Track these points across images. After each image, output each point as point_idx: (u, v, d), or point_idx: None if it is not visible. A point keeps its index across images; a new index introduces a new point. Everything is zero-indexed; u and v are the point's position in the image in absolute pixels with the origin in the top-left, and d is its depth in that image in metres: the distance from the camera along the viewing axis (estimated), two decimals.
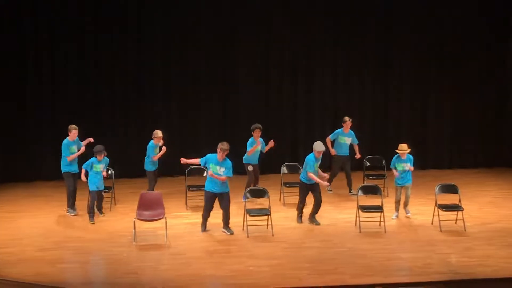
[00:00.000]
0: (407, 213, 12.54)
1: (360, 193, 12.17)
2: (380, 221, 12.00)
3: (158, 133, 13.11)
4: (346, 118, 14.02)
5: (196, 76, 15.76)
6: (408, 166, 12.27)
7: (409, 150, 12.28)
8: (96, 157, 12.19)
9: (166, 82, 15.67)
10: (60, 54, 15.13)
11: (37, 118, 15.22)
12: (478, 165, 16.66)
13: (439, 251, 10.87)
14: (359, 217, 11.85)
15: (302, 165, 13.80)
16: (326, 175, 12.51)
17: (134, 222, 11.28)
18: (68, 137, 12.66)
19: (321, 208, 12.48)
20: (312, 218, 12.19)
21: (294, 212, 12.80)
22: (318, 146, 11.97)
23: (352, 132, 14.08)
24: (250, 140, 13.45)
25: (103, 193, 12.52)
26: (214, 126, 15.92)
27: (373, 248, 10.97)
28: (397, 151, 12.29)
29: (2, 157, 14.95)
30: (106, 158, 12.42)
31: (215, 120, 15.98)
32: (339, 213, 12.76)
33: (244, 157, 13.50)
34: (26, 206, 13.35)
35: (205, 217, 11.70)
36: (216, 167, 11.49)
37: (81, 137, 12.98)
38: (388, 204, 12.56)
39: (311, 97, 16.22)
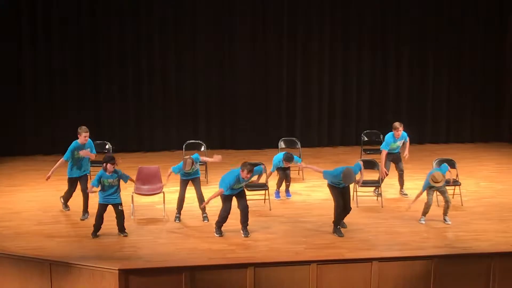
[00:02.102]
0: (446, 221, 11.08)
1: None
2: (377, 196, 12.05)
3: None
4: (397, 124, 12.20)
5: (193, 48, 15.71)
6: (449, 175, 11.01)
7: (444, 179, 10.79)
8: (104, 170, 10.29)
9: (163, 55, 15.59)
10: (56, 27, 15.01)
11: (35, 92, 15.15)
12: (475, 140, 16.71)
13: (436, 225, 10.93)
14: (356, 191, 11.87)
15: (298, 140, 13.85)
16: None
17: (132, 196, 11.30)
18: (78, 140, 11.20)
19: (318, 183, 12.55)
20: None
21: (291, 187, 12.81)
22: (347, 178, 10.26)
23: (405, 134, 12.40)
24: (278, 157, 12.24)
25: (119, 208, 10.46)
26: (211, 99, 15.90)
27: (370, 223, 11.03)
28: (431, 181, 10.71)
29: (0, 131, 14.92)
30: (118, 170, 10.46)
31: (213, 96, 15.92)
32: None
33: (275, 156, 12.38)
34: (24, 180, 13.36)
35: (222, 222, 10.49)
36: (238, 185, 10.31)
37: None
38: (385, 179, 12.57)
39: (308, 70, 16.14)
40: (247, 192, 11.47)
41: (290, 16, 15.82)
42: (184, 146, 13.55)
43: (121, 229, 10.52)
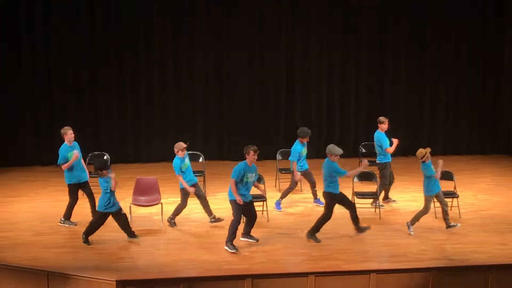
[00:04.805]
0: (456, 225, 11.16)
1: (355, 179, 12.20)
2: (375, 207, 12.05)
3: (182, 144, 11.29)
4: (382, 118, 12.44)
5: (191, 59, 15.73)
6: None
7: (429, 149, 10.94)
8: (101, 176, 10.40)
9: (161, 66, 15.62)
10: (55, 38, 15.04)
11: (34, 102, 15.17)
12: (472, 152, 16.74)
13: (434, 237, 10.93)
14: (354, 203, 11.85)
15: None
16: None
17: (130, 207, 11.30)
18: (64, 142, 11.28)
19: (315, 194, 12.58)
20: (358, 228, 10.87)
21: (289, 199, 12.81)
22: (335, 149, 10.61)
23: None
24: (295, 145, 12.27)
25: (122, 212, 10.57)
26: (209, 111, 15.93)
27: (368, 234, 11.00)
28: (424, 159, 10.86)
29: None
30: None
31: (211, 107, 15.95)
32: None
33: (291, 159, 12.31)
34: (22, 191, 13.35)
35: (235, 235, 10.33)
36: (249, 175, 10.31)
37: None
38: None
39: (306, 81, 16.19)
40: None
41: (288, 27, 15.93)
42: None
43: (131, 234, 10.61)
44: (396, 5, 16.14)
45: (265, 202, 11.74)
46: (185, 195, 11.23)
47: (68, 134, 11.27)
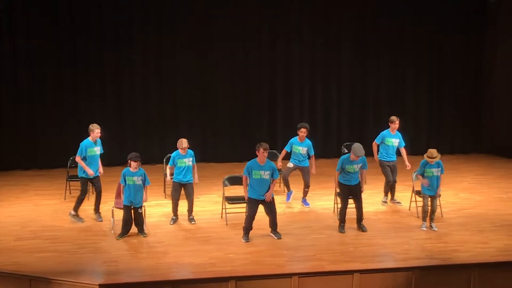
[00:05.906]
0: (432, 227, 11.30)
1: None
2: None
3: (182, 143, 11.49)
4: (394, 118, 12.47)
5: (177, 58, 15.72)
6: (438, 172, 11.15)
7: (439, 156, 11.11)
8: (129, 167, 10.72)
9: (145, 68, 15.58)
10: (36, 39, 14.94)
11: (14, 106, 15.06)
12: (454, 152, 16.84)
13: (417, 236, 10.98)
14: (337, 203, 11.89)
15: (279, 152, 13.87)
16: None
17: (112, 210, 11.24)
18: (89, 137, 11.53)
19: (299, 195, 12.57)
20: (359, 224, 11.23)
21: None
22: (357, 150, 10.82)
23: (399, 134, 12.65)
24: (292, 139, 12.55)
25: (139, 211, 10.81)
26: (193, 113, 15.92)
27: (352, 235, 11.05)
28: (425, 156, 11.13)
29: None
30: (142, 169, 10.86)
31: (194, 110, 15.94)
32: (318, 200, 12.82)
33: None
34: (3, 196, 13.22)
35: (248, 228, 10.75)
36: (259, 172, 10.55)
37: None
38: (367, 191, 12.61)
39: (289, 82, 16.23)
40: (227, 205, 11.50)
41: (271, 28, 15.96)
42: (164, 160, 13.50)
43: (141, 230, 10.85)
44: (379, 6, 16.23)
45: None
46: (175, 188, 11.50)
47: (95, 132, 11.52)
